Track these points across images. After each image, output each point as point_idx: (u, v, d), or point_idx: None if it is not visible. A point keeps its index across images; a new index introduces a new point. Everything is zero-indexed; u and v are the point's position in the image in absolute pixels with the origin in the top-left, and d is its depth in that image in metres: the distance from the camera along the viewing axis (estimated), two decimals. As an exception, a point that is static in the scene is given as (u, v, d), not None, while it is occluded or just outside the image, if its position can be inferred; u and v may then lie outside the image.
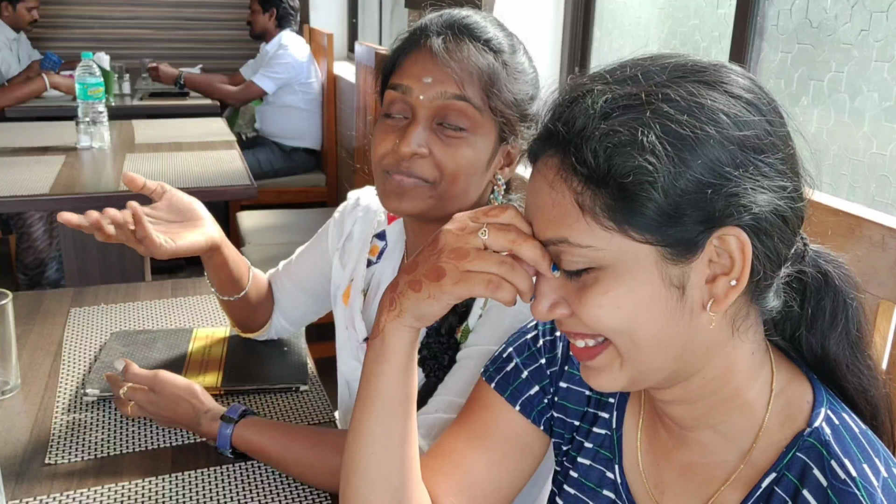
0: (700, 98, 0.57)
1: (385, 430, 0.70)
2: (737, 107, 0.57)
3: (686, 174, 0.55)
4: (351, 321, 1.12)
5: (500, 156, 0.97)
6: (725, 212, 0.56)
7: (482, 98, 0.92)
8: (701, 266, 0.58)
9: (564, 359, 0.78)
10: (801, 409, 0.64)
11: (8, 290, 1.10)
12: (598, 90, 0.59)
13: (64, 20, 4.90)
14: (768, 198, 0.57)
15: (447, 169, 0.93)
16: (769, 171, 0.57)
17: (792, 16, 1.64)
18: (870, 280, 0.96)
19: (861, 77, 1.48)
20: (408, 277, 0.67)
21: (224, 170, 2.36)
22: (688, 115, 0.56)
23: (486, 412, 0.79)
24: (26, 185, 2.07)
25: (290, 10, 3.97)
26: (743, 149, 0.57)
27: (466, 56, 0.92)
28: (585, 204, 0.58)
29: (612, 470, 0.73)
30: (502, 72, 0.94)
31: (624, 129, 0.56)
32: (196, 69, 4.55)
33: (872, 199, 1.47)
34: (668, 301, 0.58)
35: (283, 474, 0.98)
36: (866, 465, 0.59)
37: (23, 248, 3.17)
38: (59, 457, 1.00)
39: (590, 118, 0.58)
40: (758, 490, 0.63)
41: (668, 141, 0.55)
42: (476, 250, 0.63)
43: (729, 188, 0.56)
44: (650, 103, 0.57)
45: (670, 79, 0.58)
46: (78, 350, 1.28)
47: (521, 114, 0.96)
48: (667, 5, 2.09)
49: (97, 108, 2.50)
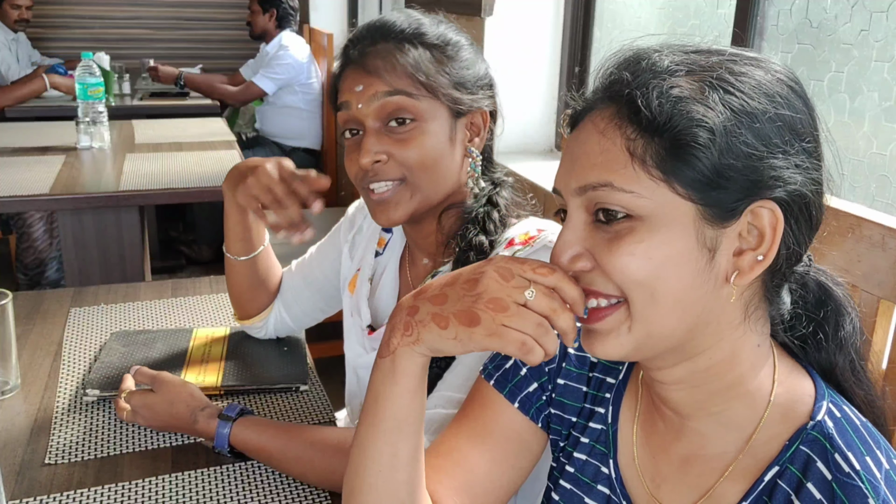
0: (755, 76, 0.60)
1: (393, 449, 0.68)
2: (785, 90, 0.60)
3: (739, 140, 0.57)
4: (356, 308, 1.14)
5: (461, 130, 0.99)
6: (766, 184, 0.58)
7: (413, 85, 0.94)
8: (732, 236, 0.59)
9: (562, 356, 0.79)
10: (802, 401, 0.64)
11: (8, 290, 1.10)
12: (664, 53, 0.61)
13: (64, 20, 4.90)
14: (803, 180, 0.59)
15: (412, 163, 0.95)
16: (805, 157, 0.60)
17: (792, 16, 1.64)
18: (870, 280, 0.96)
19: (861, 77, 1.48)
20: (433, 309, 0.64)
21: (224, 170, 2.34)
22: (748, 87, 0.59)
23: (486, 410, 0.79)
24: (26, 185, 2.07)
25: (290, 10, 3.97)
26: (789, 129, 0.59)
27: (384, 53, 0.94)
28: (636, 151, 0.58)
29: (607, 465, 0.74)
30: (424, 54, 0.95)
31: (690, 86, 0.58)
32: (196, 69, 4.55)
33: (872, 199, 1.47)
34: (699, 262, 0.59)
35: (283, 474, 0.98)
36: (869, 458, 0.59)
37: (23, 248, 3.17)
38: (59, 457, 1.00)
39: (657, 72, 0.60)
40: (761, 483, 0.63)
41: (729, 105, 0.58)
42: (516, 305, 0.60)
43: (773, 162, 0.58)
44: (714, 70, 0.59)
45: (729, 57, 0.61)
46: (78, 350, 1.28)
47: (461, 82, 0.97)
48: (667, 5, 2.09)
49: (97, 108, 2.50)
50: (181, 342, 1.29)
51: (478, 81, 1.00)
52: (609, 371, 0.77)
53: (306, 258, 1.29)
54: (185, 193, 2.17)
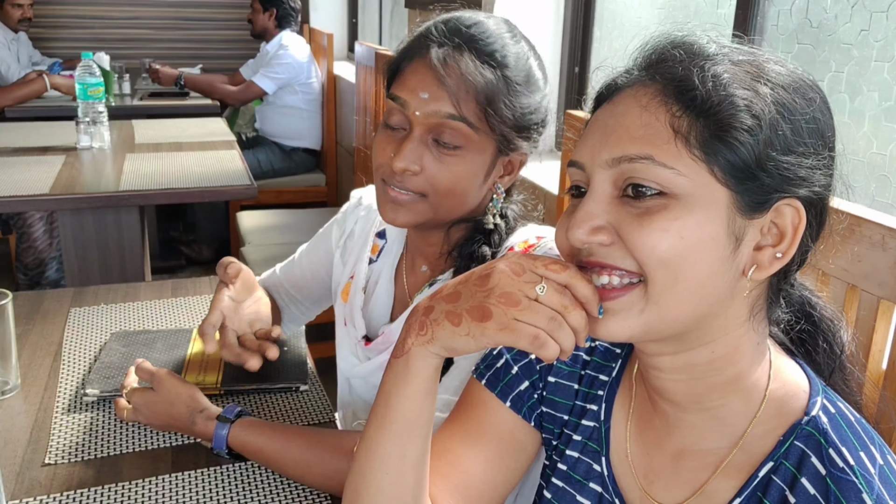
0: (799, 78, 0.61)
1: (401, 451, 0.68)
2: (814, 94, 0.61)
3: (781, 133, 0.58)
4: (350, 317, 1.12)
5: (499, 167, 0.97)
6: (796, 182, 0.59)
7: (478, 116, 0.91)
8: (756, 229, 0.60)
9: None
10: (796, 396, 0.64)
11: (8, 290, 1.10)
12: (709, 40, 0.62)
13: (64, 20, 4.90)
14: (826, 184, 0.61)
15: (440, 185, 0.93)
16: (829, 161, 0.61)
17: (792, 16, 1.64)
18: (870, 280, 0.96)
19: (861, 77, 1.48)
20: (447, 307, 0.63)
21: (224, 170, 2.36)
22: (793, 85, 0.60)
23: (478, 410, 0.79)
24: (26, 185, 2.07)
25: (290, 10, 3.97)
26: (819, 131, 0.60)
27: (465, 72, 0.90)
28: (681, 129, 0.58)
29: (599, 462, 0.74)
30: (503, 88, 0.91)
31: (739, 74, 0.59)
32: (196, 69, 4.55)
33: (872, 199, 1.47)
34: (726, 249, 0.59)
35: (281, 475, 0.98)
36: (863, 453, 0.60)
37: (23, 248, 3.17)
38: (59, 457, 1.00)
39: (707, 55, 0.60)
40: (755, 479, 0.63)
41: (773, 98, 0.58)
42: (528, 300, 0.60)
43: (804, 161, 0.59)
44: (761, 65, 0.60)
45: (773, 58, 0.62)
46: (78, 350, 1.28)
47: (522, 126, 0.94)
48: (667, 5, 2.09)
49: (97, 108, 2.50)
50: (181, 342, 1.29)
51: (535, 125, 0.97)
52: (602, 368, 0.77)
53: (295, 260, 1.29)
54: (185, 193, 2.17)
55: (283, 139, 3.97)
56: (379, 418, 0.69)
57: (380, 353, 1.06)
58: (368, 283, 1.13)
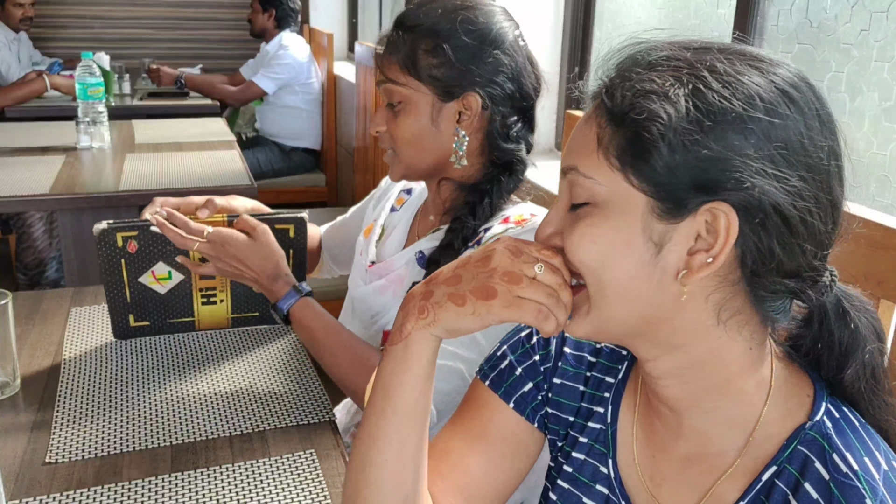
0: (742, 76, 0.58)
1: (401, 439, 0.68)
2: (776, 97, 0.58)
3: (700, 139, 0.57)
4: (365, 248, 1.30)
5: (447, 113, 1.11)
6: (724, 185, 0.57)
7: (400, 72, 1.10)
8: (685, 233, 0.59)
9: (558, 355, 0.78)
10: (801, 402, 0.64)
11: (8, 290, 1.10)
12: (659, 48, 0.62)
13: (64, 20, 4.90)
14: (774, 191, 0.57)
15: (396, 136, 1.13)
16: (787, 167, 0.58)
17: (792, 16, 1.64)
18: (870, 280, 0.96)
19: (861, 77, 1.48)
20: (448, 289, 0.65)
21: (224, 170, 2.36)
22: (722, 87, 0.58)
23: (481, 411, 0.79)
24: (26, 185, 2.08)
25: (289, 10, 3.97)
26: (766, 136, 0.57)
27: (392, 45, 1.11)
28: (603, 139, 0.60)
29: (606, 465, 0.73)
30: (419, 44, 1.09)
31: (659, 80, 0.59)
32: (196, 69, 4.55)
33: (872, 199, 1.47)
34: (643, 254, 0.59)
35: (282, 474, 0.98)
36: (867, 458, 0.59)
37: (23, 248, 3.17)
38: (59, 457, 1.00)
39: (641, 65, 0.61)
40: (758, 483, 0.63)
41: (694, 102, 0.57)
42: (528, 279, 0.63)
43: (736, 166, 0.57)
44: (694, 66, 0.59)
45: (724, 55, 0.60)
46: (78, 350, 1.28)
47: (457, 72, 1.09)
48: (667, 5, 2.09)
49: (97, 108, 2.50)
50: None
51: (476, 72, 1.09)
52: (608, 370, 0.76)
53: (346, 218, 1.49)
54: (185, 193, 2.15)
55: (283, 139, 3.97)
56: (378, 407, 0.69)
57: (380, 278, 1.23)
58: (388, 225, 1.32)
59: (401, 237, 1.27)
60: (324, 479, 0.98)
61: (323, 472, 0.99)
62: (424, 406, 0.69)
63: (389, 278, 1.20)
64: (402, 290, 1.18)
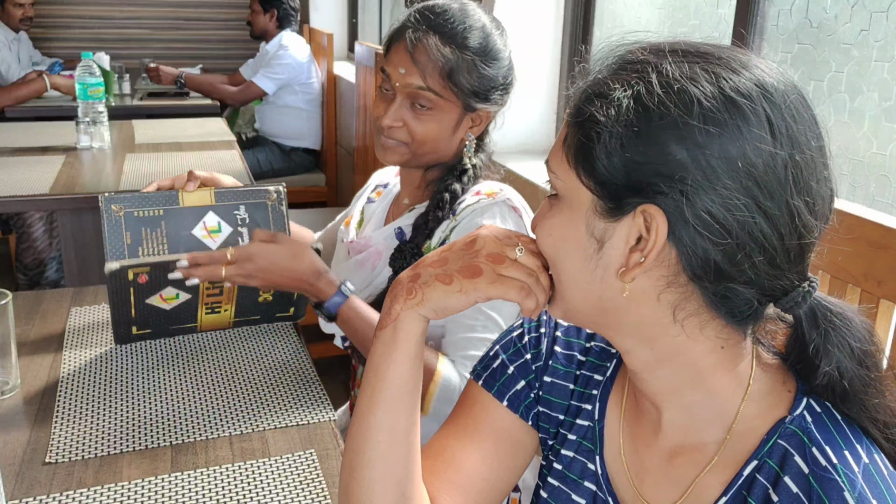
0: (687, 81, 0.57)
1: (392, 420, 0.70)
2: (719, 105, 0.57)
3: (634, 142, 0.58)
4: (345, 233, 1.39)
5: (466, 122, 1.22)
6: (655, 188, 0.58)
7: (443, 86, 1.16)
8: (625, 232, 0.60)
9: (549, 354, 0.80)
10: (782, 397, 0.64)
11: (8, 290, 1.10)
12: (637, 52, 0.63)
13: (64, 20, 4.90)
14: (709, 201, 0.57)
15: (417, 135, 1.20)
16: (727, 177, 0.56)
17: (792, 16, 1.64)
18: (870, 280, 0.96)
19: (861, 77, 1.48)
20: (434, 271, 0.69)
21: (224, 170, 2.35)
22: (664, 91, 0.58)
23: (475, 409, 0.80)
24: (26, 185, 2.08)
25: (290, 11, 3.97)
26: (702, 144, 0.56)
27: (430, 52, 1.15)
28: (567, 138, 0.64)
29: (594, 461, 0.74)
30: (462, 64, 1.16)
31: (609, 83, 0.61)
32: (196, 69, 4.55)
33: (872, 200, 1.47)
34: (586, 249, 0.63)
35: (282, 474, 0.98)
36: (847, 452, 0.59)
37: (23, 248, 3.17)
38: (60, 456, 1.00)
39: (619, 66, 0.63)
40: (740, 478, 0.63)
41: (634, 106, 0.59)
42: (510, 259, 0.68)
43: (667, 170, 0.57)
44: (643, 70, 0.60)
45: (682, 56, 0.60)
46: (78, 350, 1.28)
47: (482, 91, 1.19)
48: (667, 5, 2.09)
49: (97, 108, 2.50)
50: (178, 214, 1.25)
51: (498, 89, 1.21)
52: (597, 368, 0.78)
53: (334, 223, 1.54)
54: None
55: (283, 139, 3.97)
56: (369, 389, 0.71)
57: (359, 254, 1.30)
58: (365, 214, 1.40)
59: (378, 222, 1.36)
60: (324, 479, 0.98)
61: (323, 472, 0.99)
62: (413, 386, 0.71)
63: (369, 252, 1.28)
64: (382, 264, 1.26)
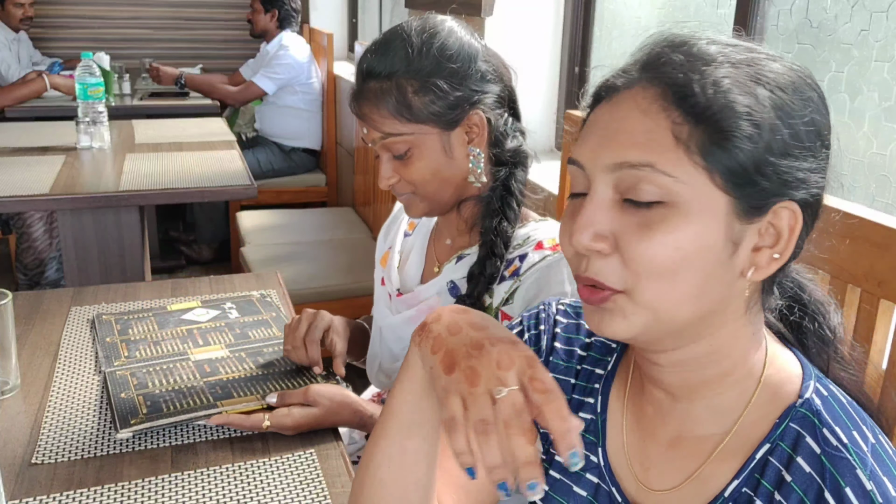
0: (797, 77, 0.61)
1: (401, 447, 0.69)
2: (811, 92, 0.61)
3: (779, 137, 0.58)
4: (388, 276, 1.28)
5: (456, 139, 1.09)
6: (793, 185, 0.59)
7: (398, 123, 1.06)
8: (753, 232, 0.61)
9: (549, 351, 0.80)
10: (790, 381, 0.66)
11: (8, 290, 1.10)
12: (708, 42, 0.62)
13: (64, 20, 4.90)
14: (819, 184, 0.61)
15: (415, 181, 1.10)
16: (824, 162, 0.61)
17: (792, 16, 1.64)
18: (870, 280, 0.96)
19: (861, 77, 1.48)
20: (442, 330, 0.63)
21: (224, 170, 2.36)
22: (792, 85, 0.60)
23: None
24: (26, 185, 2.07)
25: (291, 11, 3.97)
26: (817, 131, 0.61)
27: (368, 98, 1.07)
28: (682, 136, 0.58)
29: (596, 453, 0.75)
30: (402, 89, 1.05)
31: (741, 78, 0.59)
32: (196, 69, 4.55)
33: (872, 199, 1.47)
34: (722, 254, 0.59)
35: (282, 474, 0.98)
36: (856, 433, 0.61)
37: (23, 248, 3.17)
38: (60, 456, 1.00)
39: (707, 59, 0.60)
40: (752, 461, 0.64)
41: (772, 101, 0.59)
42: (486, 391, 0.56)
43: (802, 164, 0.59)
44: (760, 65, 0.60)
45: (772, 55, 0.62)
46: (78, 350, 1.28)
47: (453, 100, 1.06)
48: (667, 5, 2.09)
49: (97, 108, 2.49)
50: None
51: (470, 90, 1.07)
52: (598, 363, 0.78)
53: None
54: (185, 193, 2.17)
55: (283, 139, 3.97)
56: (383, 415, 0.71)
57: (409, 308, 1.20)
58: (403, 252, 1.30)
59: (419, 260, 1.26)
60: (324, 479, 0.98)
61: (323, 472, 0.99)
62: (424, 420, 0.68)
63: (420, 308, 1.19)
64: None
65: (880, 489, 0.57)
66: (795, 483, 0.61)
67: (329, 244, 3.03)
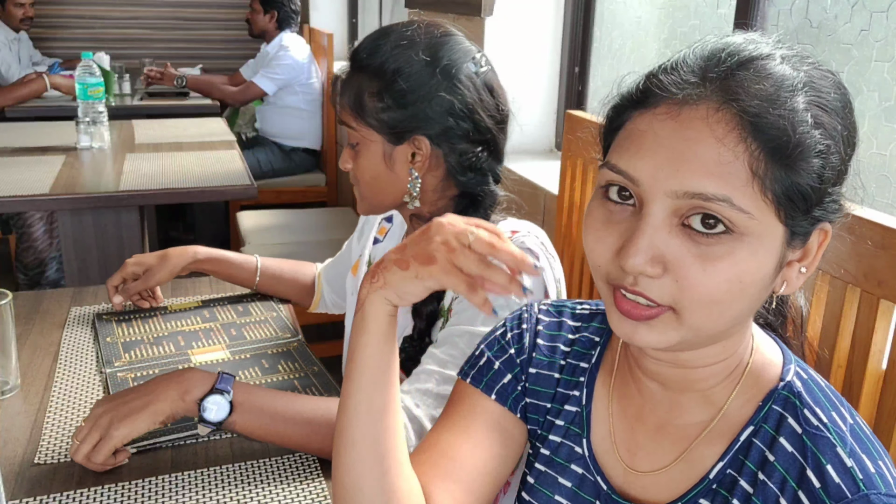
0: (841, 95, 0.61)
1: (368, 401, 0.71)
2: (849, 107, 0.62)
3: (837, 169, 0.60)
4: (356, 288, 1.28)
5: (399, 155, 1.08)
6: (837, 211, 0.61)
7: (352, 116, 1.09)
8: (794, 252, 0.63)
9: (532, 347, 0.82)
10: (772, 366, 0.69)
11: (8, 290, 1.10)
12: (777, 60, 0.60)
13: (64, 20, 4.90)
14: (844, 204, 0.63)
15: (357, 176, 1.13)
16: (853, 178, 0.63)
17: (792, 16, 1.64)
18: (870, 280, 0.96)
19: (861, 77, 1.48)
20: (395, 256, 0.69)
21: (224, 170, 2.36)
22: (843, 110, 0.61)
23: (465, 404, 0.81)
24: (26, 185, 2.07)
25: (291, 12, 3.96)
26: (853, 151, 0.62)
27: (344, 85, 1.10)
28: (759, 171, 0.56)
29: (581, 445, 0.76)
30: (373, 87, 1.06)
31: (811, 108, 0.58)
32: (196, 69, 4.55)
33: (872, 200, 1.47)
34: (771, 278, 0.61)
35: (282, 474, 0.98)
36: (835, 413, 0.64)
37: (23, 248, 3.17)
38: (60, 456, 1.00)
39: (785, 86, 0.58)
40: (737, 443, 0.67)
41: (835, 133, 0.59)
42: (462, 247, 0.65)
43: (841, 189, 0.61)
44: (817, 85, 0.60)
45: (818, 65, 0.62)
46: (78, 350, 1.28)
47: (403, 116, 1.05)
48: (667, 5, 2.09)
49: (97, 108, 2.49)
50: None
51: (419, 117, 1.05)
52: (582, 356, 0.80)
53: (341, 252, 1.48)
54: (185, 193, 2.17)
55: (283, 139, 3.97)
56: (347, 373, 0.72)
57: None
58: (373, 260, 1.28)
59: None
60: (324, 479, 0.98)
61: (323, 472, 0.99)
62: (386, 367, 0.71)
63: None
64: (399, 331, 1.11)
65: (860, 465, 0.60)
66: (778, 462, 0.63)
67: (329, 244, 3.03)
